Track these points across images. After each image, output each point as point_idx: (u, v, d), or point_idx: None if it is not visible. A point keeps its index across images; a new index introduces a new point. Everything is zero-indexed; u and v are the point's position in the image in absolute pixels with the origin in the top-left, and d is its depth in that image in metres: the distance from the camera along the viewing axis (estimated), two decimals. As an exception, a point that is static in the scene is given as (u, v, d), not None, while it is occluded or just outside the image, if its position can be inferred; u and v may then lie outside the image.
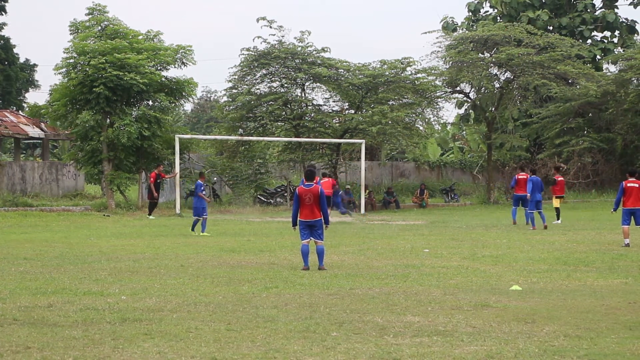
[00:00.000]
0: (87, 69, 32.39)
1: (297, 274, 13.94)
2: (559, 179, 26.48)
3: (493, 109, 42.22)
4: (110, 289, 12.18)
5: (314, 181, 14.72)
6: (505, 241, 19.78)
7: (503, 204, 38.22)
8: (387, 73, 37.00)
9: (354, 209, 34.34)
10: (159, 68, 34.16)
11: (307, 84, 37.78)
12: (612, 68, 46.42)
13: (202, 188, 23.24)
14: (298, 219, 14.63)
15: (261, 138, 36.10)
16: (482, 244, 19.19)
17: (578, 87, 41.64)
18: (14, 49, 54.96)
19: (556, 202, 26.30)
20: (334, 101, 39.63)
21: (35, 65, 57.99)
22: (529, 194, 23.73)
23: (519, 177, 25.31)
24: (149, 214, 29.87)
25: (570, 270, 14.35)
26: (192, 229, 22.81)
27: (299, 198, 14.55)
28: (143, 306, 10.61)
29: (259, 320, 9.65)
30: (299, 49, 36.77)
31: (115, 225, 26.36)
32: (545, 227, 23.52)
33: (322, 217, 14.48)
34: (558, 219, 25.84)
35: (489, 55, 40.84)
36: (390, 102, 37.54)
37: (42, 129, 40.96)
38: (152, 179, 30.22)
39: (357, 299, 11.20)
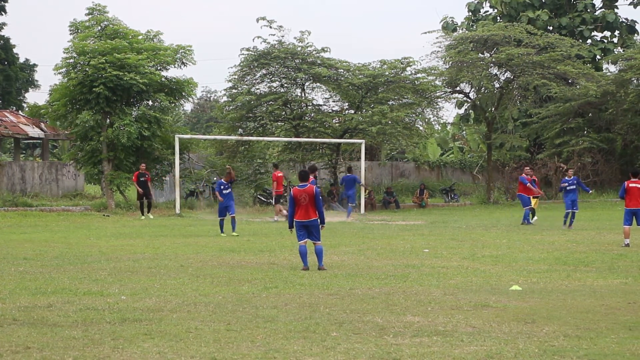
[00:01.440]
0: (87, 69, 32.39)
1: (297, 274, 13.94)
2: (534, 178, 27.12)
3: (493, 109, 42.21)
4: (110, 289, 12.18)
5: (308, 181, 14.72)
6: (505, 241, 19.78)
7: (503, 204, 38.20)
8: (387, 73, 36.98)
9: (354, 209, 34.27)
10: (158, 68, 34.16)
11: (307, 84, 37.77)
12: (612, 68, 46.49)
13: (221, 187, 22.62)
14: (294, 220, 14.62)
15: (261, 138, 36.09)
16: (482, 244, 19.20)
17: (578, 87, 41.61)
18: (14, 49, 54.91)
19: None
20: (333, 101, 39.63)
21: (35, 65, 57.93)
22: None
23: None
24: (145, 214, 29.83)
25: (570, 270, 14.35)
26: (233, 230, 22.22)
27: (294, 199, 14.55)
28: (143, 306, 10.61)
29: (259, 320, 9.64)
30: (299, 49, 36.74)
31: (115, 225, 26.36)
32: (568, 228, 23.76)
33: (318, 217, 14.49)
34: (534, 216, 26.65)
35: (488, 55, 40.83)
36: (390, 102, 37.53)
37: (42, 129, 40.96)
38: (134, 178, 30.36)
39: (357, 299, 11.19)
